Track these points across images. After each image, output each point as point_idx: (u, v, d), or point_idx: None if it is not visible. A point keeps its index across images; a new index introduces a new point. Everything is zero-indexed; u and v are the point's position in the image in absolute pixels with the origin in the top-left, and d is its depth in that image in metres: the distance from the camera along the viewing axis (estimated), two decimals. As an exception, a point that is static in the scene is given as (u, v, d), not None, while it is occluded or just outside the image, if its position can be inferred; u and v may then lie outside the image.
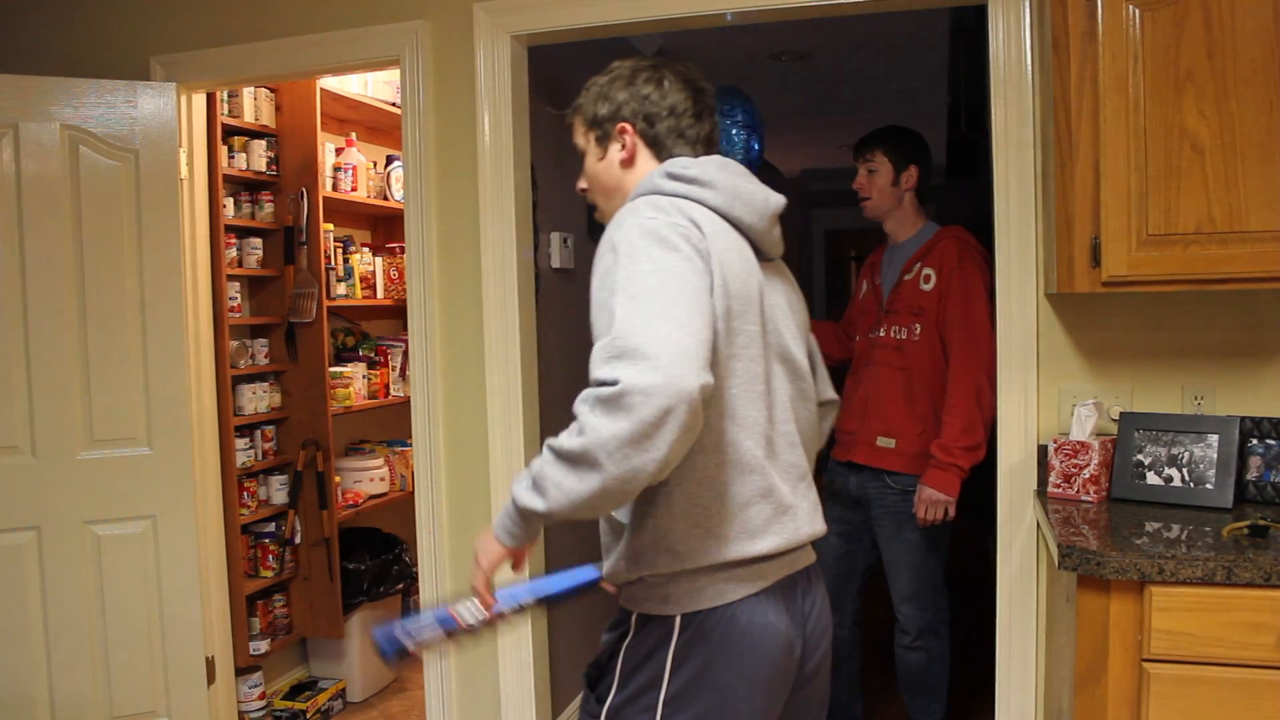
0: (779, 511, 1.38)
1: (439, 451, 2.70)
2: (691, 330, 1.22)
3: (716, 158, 1.49)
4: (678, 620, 1.35)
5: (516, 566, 1.46)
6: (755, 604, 1.36)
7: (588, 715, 1.42)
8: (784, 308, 1.50)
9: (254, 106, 3.30)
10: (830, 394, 1.64)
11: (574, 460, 1.19)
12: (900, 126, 2.82)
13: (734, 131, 3.07)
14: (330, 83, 3.39)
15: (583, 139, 1.60)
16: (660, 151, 1.53)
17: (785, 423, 1.44)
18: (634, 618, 1.40)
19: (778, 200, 1.50)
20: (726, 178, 1.44)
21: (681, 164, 1.45)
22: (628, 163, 1.54)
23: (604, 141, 1.56)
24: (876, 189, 2.75)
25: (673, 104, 1.52)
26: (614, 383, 1.17)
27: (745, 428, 1.36)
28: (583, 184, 1.63)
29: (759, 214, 1.46)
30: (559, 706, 3.01)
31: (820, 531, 1.47)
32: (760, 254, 1.48)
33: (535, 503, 1.25)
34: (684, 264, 1.28)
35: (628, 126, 1.54)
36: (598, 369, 1.20)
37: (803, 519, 1.42)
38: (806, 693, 1.49)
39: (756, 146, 3.13)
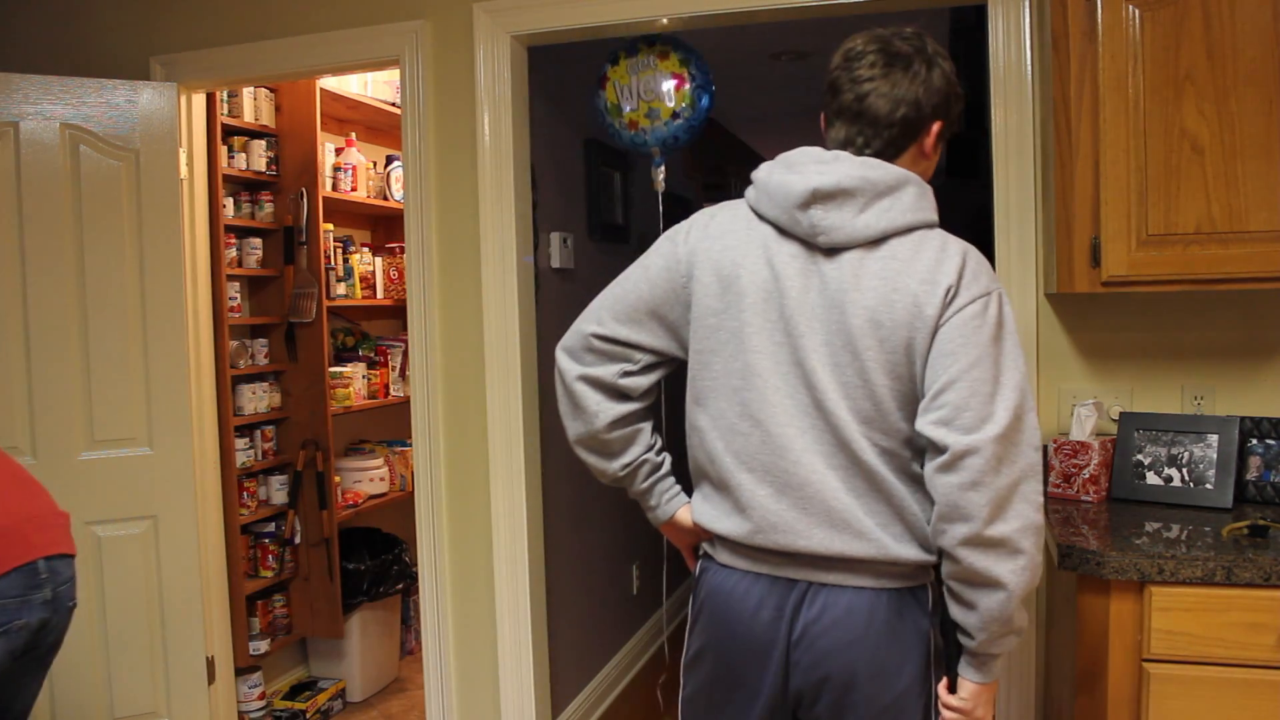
0: (732, 507, 1.44)
1: (439, 451, 2.70)
2: (588, 315, 1.53)
3: (799, 152, 1.45)
4: (699, 563, 1.56)
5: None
6: (724, 573, 1.48)
7: None
8: (820, 309, 1.38)
9: (254, 106, 3.30)
10: (924, 425, 1.33)
11: None
12: None
13: (688, 88, 2.86)
14: (330, 83, 3.39)
15: None
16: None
17: (775, 428, 1.39)
18: None
19: (804, 184, 1.37)
20: (770, 175, 1.44)
21: (760, 168, 1.48)
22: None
23: None
24: None
25: (837, 91, 1.45)
26: None
27: (713, 417, 1.45)
28: None
29: (781, 205, 1.41)
30: (559, 706, 3.01)
31: (805, 547, 1.38)
32: (817, 245, 1.39)
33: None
34: (641, 262, 1.53)
35: (823, 113, 1.52)
36: None
37: (768, 524, 1.40)
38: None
39: (705, 102, 2.93)
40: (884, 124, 1.41)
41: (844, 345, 1.36)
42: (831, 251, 1.38)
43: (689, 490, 1.59)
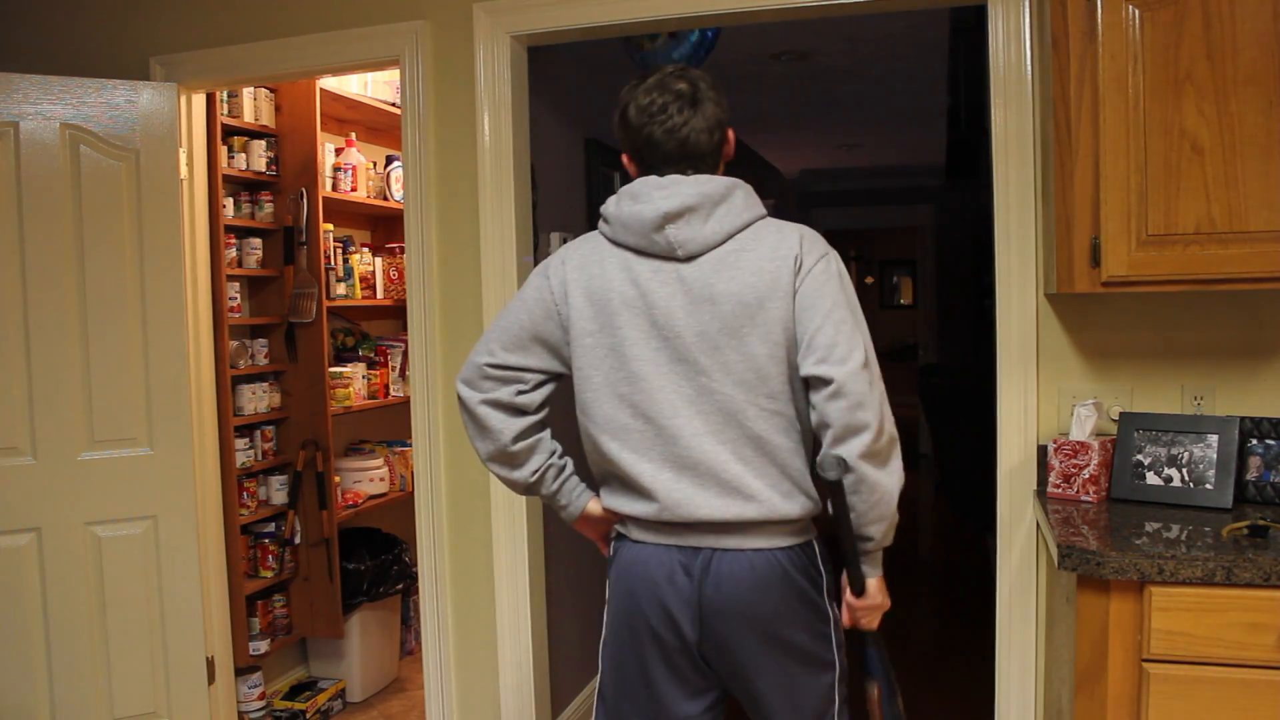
0: (635, 493, 1.66)
1: (439, 451, 2.70)
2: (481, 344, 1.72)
3: (638, 183, 1.66)
4: (611, 544, 1.76)
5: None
6: (638, 547, 1.68)
7: None
8: (691, 308, 1.61)
9: (254, 106, 3.30)
10: (809, 368, 1.58)
11: None
12: None
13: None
14: (330, 83, 3.39)
15: None
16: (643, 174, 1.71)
17: (665, 420, 1.62)
18: None
19: (654, 211, 1.61)
20: (620, 208, 1.66)
21: (606, 203, 1.70)
22: None
23: None
24: None
25: (644, 133, 1.66)
26: None
27: (601, 425, 1.67)
28: None
29: (637, 232, 1.64)
30: (559, 706, 3.01)
31: (705, 516, 1.61)
32: (675, 258, 1.63)
33: None
34: (518, 296, 1.73)
35: (624, 154, 1.74)
36: None
37: (672, 502, 1.62)
38: (728, 670, 1.67)
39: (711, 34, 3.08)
40: (706, 152, 1.67)
41: (720, 330, 1.60)
42: (689, 259, 1.63)
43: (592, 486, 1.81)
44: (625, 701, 1.71)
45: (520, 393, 1.69)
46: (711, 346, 1.61)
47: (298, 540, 3.41)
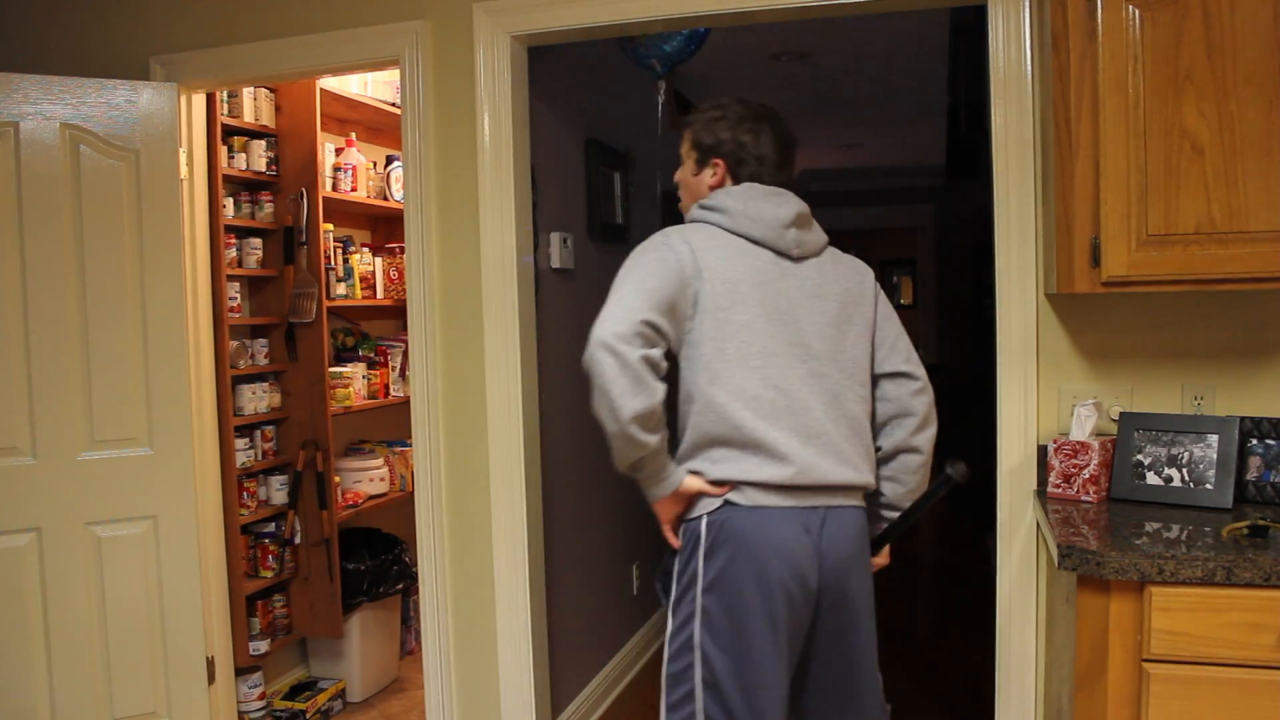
0: (767, 458, 1.76)
1: (439, 451, 2.70)
2: (626, 305, 1.70)
3: (749, 187, 1.89)
4: (703, 521, 1.78)
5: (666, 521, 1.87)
6: (759, 513, 1.75)
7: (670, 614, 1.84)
8: (807, 300, 1.84)
9: (254, 106, 3.30)
10: (897, 365, 1.95)
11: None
12: None
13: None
14: (330, 83, 3.39)
15: (685, 151, 2.00)
16: (737, 183, 1.93)
17: (794, 393, 1.79)
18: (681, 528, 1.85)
19: (788, 212, 1.86)
20: (741, 203, 1.85)
21: (712, 197, 1.89)
22: (715, 186, 1.94)
23: (701, 163, 1.96)
24: None
25: (760, 155, 1.92)
26: None
27: (734, 392, 1.76)
28: (678, 178, 2.04)
29: (770, 226, 1.84)
30: (559, 707, 3.01)
31: (833, 480, 1.79)
32: (789, 255, 1.86)
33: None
34: (646, 266, 1.77)
35: (720, 162, 1.94)
36: None
37: (807, 466, 1.76)
38: (833, 619, 1.82)
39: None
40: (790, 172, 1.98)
41: (829, 323, 1.86)
42: (800, 259, 1.88)
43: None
44: (748, 677, 1.73)
45: (663, 355, 1.72)
46: (822, 336, 1.84)
47: (298, 540, 3.41)
